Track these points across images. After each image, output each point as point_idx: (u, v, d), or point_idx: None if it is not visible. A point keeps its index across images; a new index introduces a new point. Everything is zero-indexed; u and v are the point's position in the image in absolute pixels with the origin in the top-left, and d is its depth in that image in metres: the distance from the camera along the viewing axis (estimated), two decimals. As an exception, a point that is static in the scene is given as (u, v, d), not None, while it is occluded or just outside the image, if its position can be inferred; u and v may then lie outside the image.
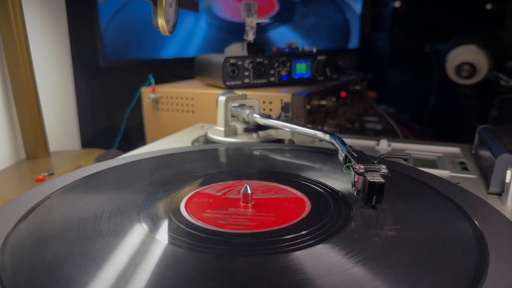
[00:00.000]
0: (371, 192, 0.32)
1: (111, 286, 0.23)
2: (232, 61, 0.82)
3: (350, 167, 0.34)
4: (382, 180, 0.31)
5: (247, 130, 0.59)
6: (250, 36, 0.87)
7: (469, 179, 0.46)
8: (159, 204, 0.35)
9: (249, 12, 0.85)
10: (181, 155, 0.50)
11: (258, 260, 0.26)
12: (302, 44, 0.97)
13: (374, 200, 0.32)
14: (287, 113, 0.59)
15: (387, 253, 0.27)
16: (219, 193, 0.37)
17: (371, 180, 0.31)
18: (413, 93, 1.63)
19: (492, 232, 0.29)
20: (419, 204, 0.35)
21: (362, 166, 0.33)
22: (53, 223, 0.32)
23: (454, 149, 0.58)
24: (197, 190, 0.38)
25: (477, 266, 0.25)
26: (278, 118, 0.58)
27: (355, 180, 0.33)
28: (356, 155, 0.36)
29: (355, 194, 0.34)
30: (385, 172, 0.32)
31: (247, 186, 0.35)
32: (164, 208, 0.34)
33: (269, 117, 0.56)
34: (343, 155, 0.38)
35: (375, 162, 0.34)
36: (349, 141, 0.62)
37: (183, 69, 1.12)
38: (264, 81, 0.86)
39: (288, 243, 0.28)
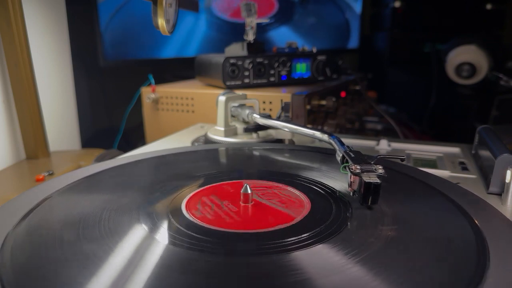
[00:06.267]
0: (367, 193, 0.32)
1: (111, 286, 0.23)
2: (232, 61, 0.82)
3: (347, 168, 0.34)
4: (378, 181, 0.31)
5: (247, 130, 0.59)
6: (250, 36, 0.87)
7: (469, 179, 0.46)
8: (159, 204, 0.35)
9: (249, 12, 0.85)
10: (181, 155, 0.50)
11: (258, 260, 0.26)
12: (302, 44, 0.97)
13: (369, 201, 0.32)
14: (287, 113, 0.59)
15: (387, 253, 0.27)
16: (219, 193, 0.37)
17: (366, 181, 0.31)
18: (413, 93, 1.63)
19: (492, 232, 0.29)
20: (419, 204, 0.35)
21: (358, 167, 0.33)
22: (53, 223, 0.32)
23: (454, 149, 0.58)
24: (197, 190, 0.38)
25: (477, 266, 0.25)
26: (278, 118, 0.58)
27: (351, 180, 0.34)
28: (353, 156, 0.36)
29: (351, 194, 0.34)
30: (381, 173, 0.32)
31: (247, 186, 0.35)
32: (164, 208, 0.34)
33: (269, 117, 0.56)
34: (341, 155, 0.38)
35: (372, 162, 0.34)
36: (349, 141, 0.62)
37: (183, 69, 1.12)
38: (264, 81, 0.86)
39: (288, 243, 0.28)
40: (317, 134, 0.47)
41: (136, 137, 1.06)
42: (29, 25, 0.69)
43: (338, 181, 0.40)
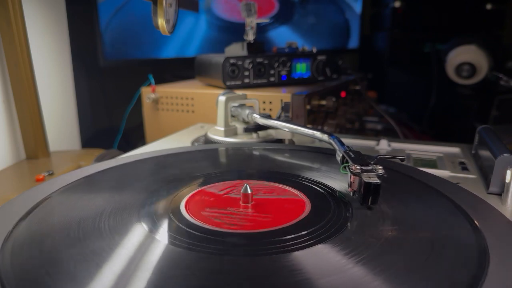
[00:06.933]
0: (367, 193, 0.32)
1: (112, 286, 0.23)
2: (232, 61, 0.82)
3: (347, 168, 0.34)
4: (378, 181, 0.31)
5: (247, 130, 0.59)
6: (250, 36, 0.87)
7: (469, 179, 0.46)
8: (159, 204, 0.35)
9: (249, 12, 0.85)
10: (181, 155, 0.50)
11: (258, 260, 0.26)
12: (302, 44, 0.97)
13: (369, 201, 0.32)
14: (287, 113, 0.59)
15: (386, 253, 0.27)
16: (219, 193, 0.37)
17: (366, 181, 0.31)
18: (413, 93, 1.63)
19: (492, 232, 0.29)
20: (419, 204, 0.35)
21: (358, 167, 0.33)
22: (53, 223, 0.32)
23: (454, 149, 0.58)
24: (197, 190, 0.38)
25: (477, 266, 0.25)
26: (278, 118, 0.58)
27: (351, 180, 0.34)
28: (353, 156, 0.36)
29: (351, 194, 0.34)
30: (381, 173, 0.32)
31: (247, 186, 0.35)
32: (164, 208, 0.34)
33: (269, 117, 0.56)
34: (341, 155, 0.38)
35: (372, 162, 0.34)
36: (349, 141, 0.62)
37: (183, 69, 1.12)
38: (264, 81, 0.86)
39: (288, 243, 0.28)
40: (317, 134, 0.47)
41: (136, 137, 1.06)
42: (29, 25, 0.68)
43: (338, 181, 0.40)
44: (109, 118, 1.10)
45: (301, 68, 0.90)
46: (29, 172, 0.66)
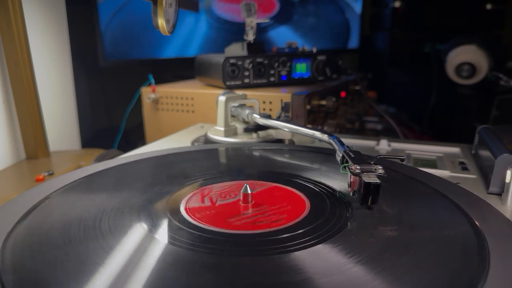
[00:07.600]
0: (367, 193, 0.32)
1: (111, 286, 0.23)
2: (232, 61, 0.82)
3: (347, 168, 0.34)
4: (378, 181, 0.31)
5: (247, 130, 0.59)
6: (250, 36, 0.87)
7: (469, 179, 0.46)
8: (159, 204, 0.35)
9: (249, 12, 0.85)
10: (181, 155, 0.50)
11: (258, 260, 0.26)
12: (302, 44, 0.97)
13: (369, 201, 0.32)
14: (287, 113, 0.59)
15: (387, 253, 0.27)
16: (219, 193, 0.37)
17: (366, 181, 0.31)
18: (413, 93, 1.63)
19: (492, 232, 0.29)
20: (419, 204, 0.35)
21: (358, 167, 0.33)
22: (53, 223, 0.32)
23: (454, 149, 0.58)
24: (197, 190, 0.38)
25: (477, 266, 0.25)
26: (278, 118, 0.58)
27: (351, 180, 0.34)
28: (353, 156, 0.36)
29: (351, 194, 0.34)
30: (381, 173, 0.32)
31: (247, 186, 0.35)
32: (164, 208, 0.34)
33: (269, 117, 0.56)
34: (341, 155, 0.38)
35: (372, 162, 0.34)
36: (349, 141, 0.62)
37: (183, 69, 1.12)
38: (264, 81, 0.86)
39: (288, 243, 0.28)
40: (317, 134, 0.47)
41: (136, 137, 1.06)
42: (29, 25, 0.68)
43: (338, 181, 0.40)
44: (109, 118, 1.10)
45: (301, 68, 0.90)
46: (29, 172, 0.66)
